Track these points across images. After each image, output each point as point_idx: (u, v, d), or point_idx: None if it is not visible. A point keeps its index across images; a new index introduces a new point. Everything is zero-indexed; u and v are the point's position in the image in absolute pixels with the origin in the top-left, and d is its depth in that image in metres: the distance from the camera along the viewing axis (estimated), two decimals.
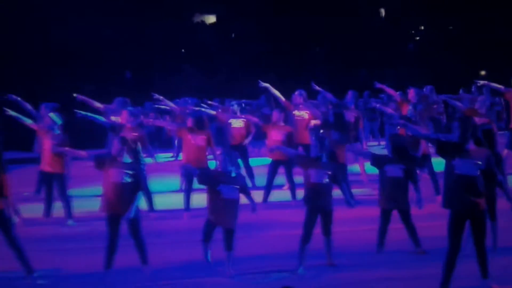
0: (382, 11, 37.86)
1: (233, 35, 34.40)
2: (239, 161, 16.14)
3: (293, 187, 14.93)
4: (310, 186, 10.59)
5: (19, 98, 15.89)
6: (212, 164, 13.57)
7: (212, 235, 10.45)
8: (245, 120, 16.44)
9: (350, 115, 16.62)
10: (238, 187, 10.32)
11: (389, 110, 17.30)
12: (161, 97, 18.06)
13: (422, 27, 38.14)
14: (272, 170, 14.94)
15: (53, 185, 13.67)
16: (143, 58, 30.68)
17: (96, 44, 29.80)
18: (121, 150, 10.32)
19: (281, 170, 15.00)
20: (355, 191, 14.46)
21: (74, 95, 16.50)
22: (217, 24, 35.99)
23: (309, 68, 30.94)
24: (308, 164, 10.72)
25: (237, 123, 16.34)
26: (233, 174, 10.33)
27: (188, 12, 34.63)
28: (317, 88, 17.83)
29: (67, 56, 29.28)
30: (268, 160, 15.46)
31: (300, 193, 13.04)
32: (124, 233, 10.25)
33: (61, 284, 10.17)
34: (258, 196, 14.95)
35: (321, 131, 14.87)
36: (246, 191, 10.48)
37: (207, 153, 14.05)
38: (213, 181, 10.27)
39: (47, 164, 13.68)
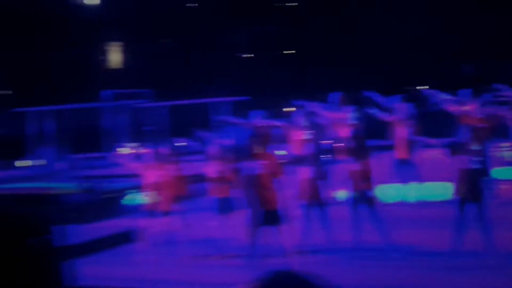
0: None
1: None
2: None
3: None
4: None
5: (374, 93, 17.20)
6: None
7: None
8: None
9: None
10: None
11: None
12: (501, 87, 18.38)
13: None
14: None
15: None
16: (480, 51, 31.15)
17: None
18: (471, 138, 11.23)
19: None
20: None
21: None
22: None
23: None
24: None
25: None
26: None
27: None
28: None
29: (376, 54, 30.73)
30: None
31: None
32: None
33: (410, 259, 11.10)
34: None
35: None
36: None
37: None
38: None
39: (402, 151, 14.98)
